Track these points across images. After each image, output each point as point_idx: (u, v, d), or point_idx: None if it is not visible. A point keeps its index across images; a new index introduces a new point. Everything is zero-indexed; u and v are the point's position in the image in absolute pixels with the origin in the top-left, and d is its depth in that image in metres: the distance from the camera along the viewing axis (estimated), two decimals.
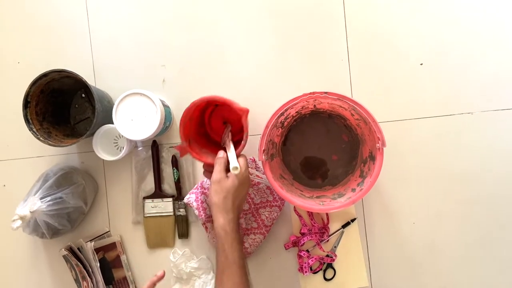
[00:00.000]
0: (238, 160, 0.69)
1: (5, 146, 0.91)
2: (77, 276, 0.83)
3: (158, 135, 0.84)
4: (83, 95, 0.89)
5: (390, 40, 0.83)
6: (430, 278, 0.82)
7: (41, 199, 0.76)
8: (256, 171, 0.82)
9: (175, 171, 0.85)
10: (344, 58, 0.83)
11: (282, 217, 0.84)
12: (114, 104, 0.77)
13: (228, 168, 0.69)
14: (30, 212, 0.72)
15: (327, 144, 0.82)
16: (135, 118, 0.77)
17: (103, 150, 0.83)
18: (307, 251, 0.82)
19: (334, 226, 0.83)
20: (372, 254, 0.83)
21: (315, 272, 0.83)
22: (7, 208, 0.82)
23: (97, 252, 0.85)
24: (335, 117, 0.80)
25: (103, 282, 0.84)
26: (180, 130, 0.72)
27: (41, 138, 0.78)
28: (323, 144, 0.83)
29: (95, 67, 0.89)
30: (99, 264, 0.83)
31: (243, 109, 0.70)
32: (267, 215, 0.82)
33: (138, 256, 0.88)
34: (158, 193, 0.86)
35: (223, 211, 0.66)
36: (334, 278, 0.83)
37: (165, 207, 0.86)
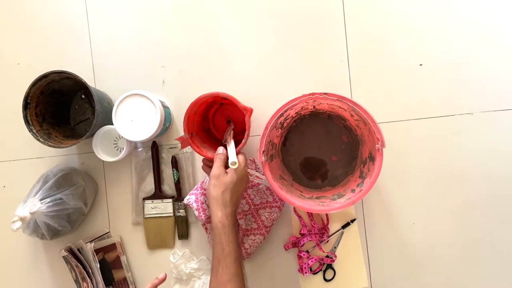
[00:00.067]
0: (238, 157, 0.70)
1: (5, 147, 0.91)
2: (77, 277, 0.83)
3: (158, 136, 0.84)
4: (83, 96, 0.89)
5: (389, 41, 0.83)
6: (430, 278, 0.82)
7: (41, 200, 0.76)
8: (256, 172, 0.82)
9: (175, 172, 0.85)
10: (343, 59, 0.83)
11: (282, 217, 0.84)
12: (114, 105, 0.77)
13: (227, 165, 0.71)
14: (30, 213, 0.72)
15: (327, 145, 0.82)
16: (135, 119, 0.77)
17: (103, 151, 0.83)
18: (307, 251, 0.82)
19: (334, 227, 0.83)
20: (372, 255, 0.83)
21: (315, 273, 0.83)
22: (7, 209, 0.82)
23: (97, 253, 0.85)
24: (334, 117, 0.80)
25: (103, 283, 0.84)
26: (184, 122, 0.74)
27: (41, 139, 0.78)
28: (323, 144, 0.83)
29: (95, 68, 0.90)
30: (99, 265, 0.83)
31: (247, 108, 0.73)
32: (267, 216, 0.82)
33: (138, 257, 0.88)
34: (158, 194, 0.86)
35: (221, 205, 0.67)
36: (334, 279, 0.83)
37: (165, 208, 0.86)
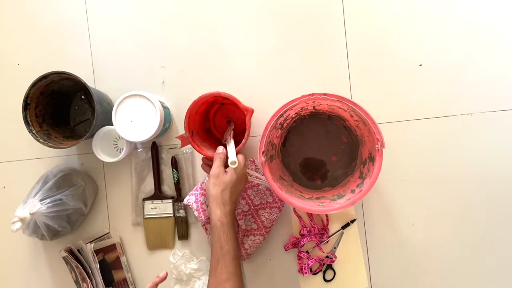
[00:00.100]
0: (237, 157, 0.71)
1: (4, 148, 0.91)
2: (77, 278, 0.83)
3: (158, 136, 0.84)
4: (82, 97, 0.89)
5: (389, 41, 0.83)
6: (430, 278, 0.82)
7: (40, 201, 0.76)
8: (256, 172, 0.82)
9: (174, 172, 0.85)
10: (343, 59, 0.83)
11: (281, 218, 0.84)
12: (113, 105, 0.77)
13: (226, 164, 0.71)
14: (30, 214, 0.72)
15: (327, 145, 0.82)
16: (134, 120, 0.77)
17: (103, 152, 0.83)
18: (307, 252, 0.82)
19: (334, 227, 0.83)
20: (372, 255, 0.83)
21: (315, 273, 0.83)
22: (7, 210, 0.82)
23: (97, 254, 0.85)
24: (334, 118, 0.80)
25: (103, 284, 0.84)
26: (185, 120, 0.74)
27: (40, 140, 0.78)
28: (323, 145, 0.83)
29: (94, 69, 0.90)
30: (99, 266, 0.83)
31: (248, 108, 0.73)
32: (267, 216, 0.82)
33: (138, 257, 0.88)
34: (158, 194, 0.86)
35: (220, 204, 0.68)
36: (334, 279, 0.83)
37: (164, 208, 0.86)
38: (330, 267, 0.83)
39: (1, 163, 0.91)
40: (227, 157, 0.72)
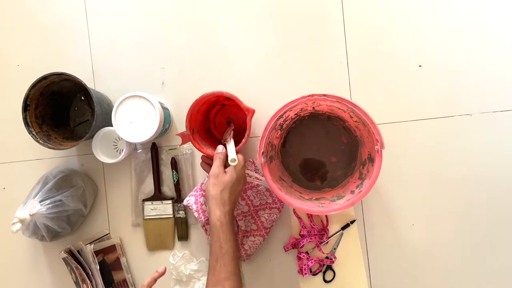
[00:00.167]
0: (237, 156, 0.71)
1: (4, 149, 0.91)
2: (77, 279, 0.83)
3: (158, 137, 0.84)
4: (82, 98, 0.89)
5: (388, 42, 0.83)
6: (430, 279, 0.82)
7: (40, 202, 0.76)
8: (256, 173, 0.82)
9: (174, 173, 0.86)
10: (343, 60, 0.83)
11: (281, 219, 0.84)
12: (113, 106, 0.77)
13: (226, 164, 0.71)
14: (30, 215, 0.72)
15: (326, 146, 0.82)
16: (134, 121, 0.77)
17: (103, 153, 0.83)
18: (307, 253, 0.82)
19: (334, 228, 0.83)
20: (372, 256, 0.83)
21: (314, 274, 0.83)
22: (7, 211, 0.82)
23: (96, 255, 0.85)
24: (334, 119, 0.80)
25: (103, 285, 0.84)
26: (187, 118, 0.75)
27: (40, 141, 0.78)
28: (322, 146, 0.83)
29: (94, 70, 0.90)
30: (98, 267, 0.83)
31: (250, 109, 0.74)
32: (267, 217, 0.82)
33: (137, 258, 0.88)
34: (158, 195, 0.86)
35: (219, 203, 0.68)
36: (333, 280, 0.83)
37: (164, 209, 0.86)
38: (330, 268, 0.83)
39: (1, 164, 0.91)
40: (226, 156, 0.72)
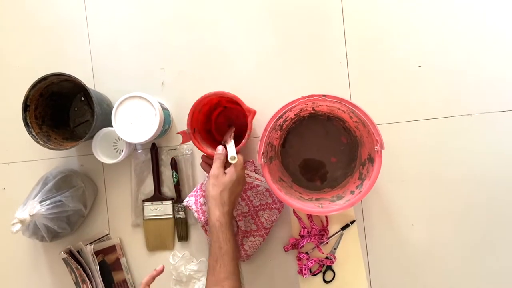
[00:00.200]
0: (237, 156, 0.71)
1: (4, 149, 0.91)
2: (77, 279, 0.83)
3: (157, 138, 0.84)
4: (82, 98, 0.89)
5: (388, 42, 0.83)
6: (430, 279, 0.82)
7: (40, 202, 0.76)
8: (255, 173, 0.82)
9: (174, 173, 0.86)
10: (342, 61, 0.83)
11: (281, 219, 0.84)
12: (113, 107, 0.77)
13: (226, 165, 0.72)
14: (30, 215, 0.72)
15: (326, 146, 0.82)
16: (134, 121, 0.77)
17: (103, 153, 0.83)
18: (307, 253, 0.82)
19: (334, 228, 0.83)
20: (372, 256, 0.83)
21: (314, 274, 0.83)
22: (7, 211, 0.82)
23: (96, 255, 0.85)
24: (333, 119, 0.80)
25: (103, 285, 0.84)
26: (188, 117, 0.75)
27: (40, 142, 0.78)
28: (322, 146, 0.83)
29: (94, 70, 0.90)
30: (98, 267, 0.83)
31: (251, 109, 0.74)
32: (267, 218, 0.82)
33: (137, 258, 0.88)
34: (158, 195, 0.86)
35: (219, 204, 0.69)
36: (333, 280, 0.83)
37: (164, 209, 0.86)
38: (329, 268, 0.83)
39: (0, 165, 0.92)
40: (226, 157, 0.72)
